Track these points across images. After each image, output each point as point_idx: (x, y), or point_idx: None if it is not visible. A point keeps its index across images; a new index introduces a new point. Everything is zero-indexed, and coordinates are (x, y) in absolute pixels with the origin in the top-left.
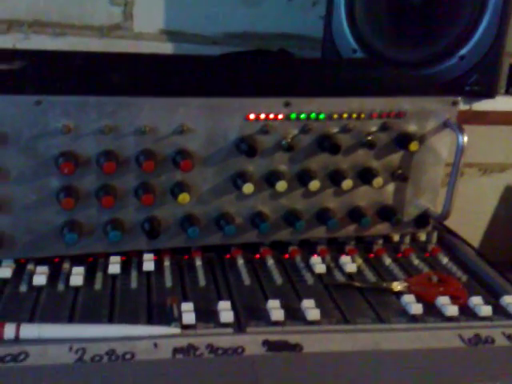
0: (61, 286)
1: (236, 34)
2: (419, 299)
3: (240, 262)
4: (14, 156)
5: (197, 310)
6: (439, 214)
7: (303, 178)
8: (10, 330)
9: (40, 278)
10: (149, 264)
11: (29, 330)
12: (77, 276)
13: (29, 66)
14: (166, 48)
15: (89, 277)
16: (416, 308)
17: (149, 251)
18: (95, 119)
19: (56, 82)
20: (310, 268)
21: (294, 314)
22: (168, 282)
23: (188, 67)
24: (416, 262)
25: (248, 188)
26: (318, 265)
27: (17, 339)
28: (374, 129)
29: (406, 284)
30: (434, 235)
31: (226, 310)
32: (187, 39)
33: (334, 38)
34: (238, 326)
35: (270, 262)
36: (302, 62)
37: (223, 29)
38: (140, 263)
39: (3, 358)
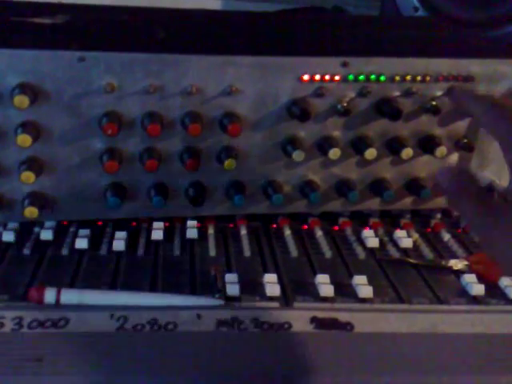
0: (103, 251)
1: None
2: (481, 279)
3: (287, 232)
4: (57, 115)
5: (241, 282)
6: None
7: (359, 145)
8: (50, 295)
9: (82, 241)
10: (192, 231)
11: (70, 296)
12: (119, 241)
13: (72, 21)
14: (215, 4)
15: (131, 242)
16: (477, 289)
17: (192, 218)
18: (140, 78)
19: (100, 38)
20: (361, 241)
21: (345, 291)
22: (212, 250)
23: (238, 24)
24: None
25: (299, 155)
26: (371, 238)
27: (57, 304)
28: (439, 93)
29: (466, 262)
30: None
31: (272, 283)
32: None
33: None
34: (285, 301)
35: (319, 233)
36: (359, 19)
37: None
38: (183, 230)
39: (43, 323)
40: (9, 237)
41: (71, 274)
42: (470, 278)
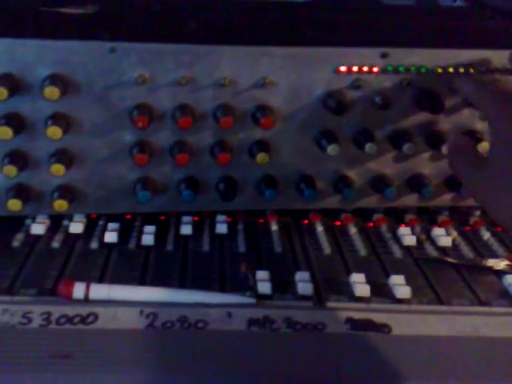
0: (132, 245)
1: None
2: None
3: (319, 228)
4: (87, 107)
5: (273, 280)
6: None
7: (397, 139)
8: (79, 290)
9: (111, 235)
10: (222, 226)
11: (99, 291)
12: (148, 235)
13: (102, 11)
14: None
15: (160, 236)
16: None
17: (222, 213)
18: (172, 69)
19: (131, 28)
20: (397, 239)
21: (381, 291)
22: (241, 246)
23: (271, 14)
24: None
25: (334, 149)
26: (407, 236)
27: (86, 300)
28: None
29: (507, 262)
30: None
31: (304, 281)
32: None
33: None
34: (318, 300)
35: (353, 230)
36: (396, 9)
37: None
38: (212, 225)
39: (72, 319)
40: (38, 229)
41: (100, 268)
42: None
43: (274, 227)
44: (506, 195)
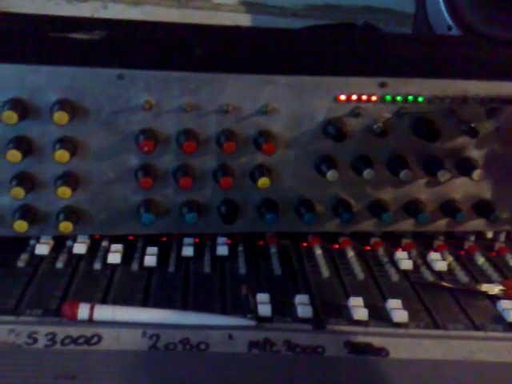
0: (135, 266)
1: (317, 6)
2: None
3: (318, 251)
4: (94, 131)
5: (273, 302)
6: None
7: (394, 165)
8: (84, 311)
9: (115, 256)
10: (223, 248)
11: (103, 312)
12: (151, 256)
13: (110, 37)
14: (244, 20)
15: (162, 258)
16: None
17: (222, 234)
18: (177, 95)
19: (138, 55)
20: (394, 263)
21: (379, 314)
22: (242, 268)
23: (272, 41)
24: None
25: (333, 175)
26: (404, 260)
27: (90, 320)
28: (477, 115)
29: (501, 287)
30: None
31: (304, 305)
32: (266, 11)
33: (428, 13)
34: (317, 323)
35: (351, 253)
36: (394, 38)
37: (304, 0)
38: (213, 246)
39: (76, 340)
40: (42, 250)
41: (104, 288)
42: (506, 304)
43: (274, 250)
44: None
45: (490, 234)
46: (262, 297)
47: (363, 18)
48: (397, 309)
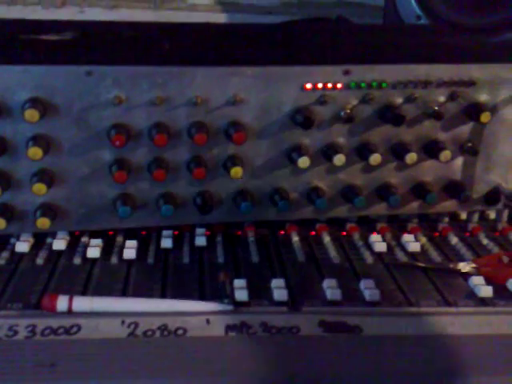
0: (114, 259)
1: (292, 3)
2: (489, 281)
3: (295, 238)
4: (66, 128)
5: (250, 287)
6: (511, 190)
7: (363, 151)
8: (62, 303)
9: (94, 250)
10: (201, 239)
11: (82, 303)
12: (130, 249)
13: (79, 37)
14: (220, 19)
15: (142, 250)
16: (485, 290)
17: (201, 226)
18: (146, 90)
19: (107, 53)
20: (369, 246)
21: (353, 295)
22: (220, 257)
23: (241, 36)
24: (485, 241)
25: (304, 162)
26: (378, 243)
27: (69, 312)
28: (441, 98)
29: (474, 265)
30: (505, 213)
31: (279, 288)
32: (242, 9)
33: (397, 3)
34: (293, 305)
35: (327, 239)
36: (361, 28)
37: None
38: (192, 238)
39: (56, 330)
40: (23, 247)
41: (83, 282)
42: (477, 280)
43: (252, 238)
44: None
45: (463, 216)
46: (239, 282)
47: (337, 13)
48: (370, 288)
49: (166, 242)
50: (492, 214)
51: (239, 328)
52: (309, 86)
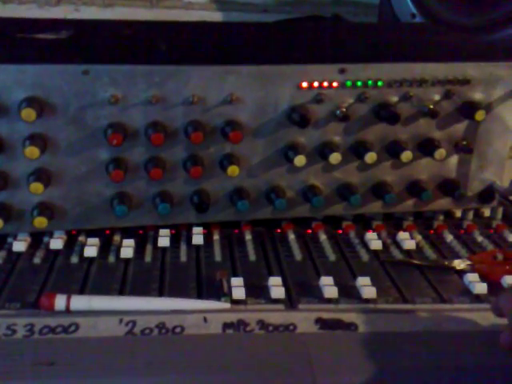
0: (111, 258)
1: (287, 1)
2: (483, 278)
3: (291, 236)
4: (63, 127)
5: (247, 285)
6: (505, 188)
7: (359, 149)
8: (60, 302)
9: (91, 249)
10: (198, 238)
11: (79, 302)
12: (127, 248)
13: (76, 36)
14: (216, 17)
15: (139, 249)
16: (480, 287)
17: (198, 225)
18: (143, 89)
19: (104, 51)
20: (364, 244)
21: (349, 292)
22: (217, 256)
23: (238, 35)
24: (480, 238)
25: (300, 160)
26: (374, 241)
27: (67, 311)
28: (436, 97)
29: (468, 262)
30: (500, 211)
31: (276, 286)
32: (238, 8)
33: (392, 2)
34: (290, 303)
35: (323, 237)
36: (357, 27)
37: None
38: (189, 237)
39: (54, 329)
40: (20, 247)
41: (81, 281)
42: (472, 277)
43: (249, 237)
44: None
45: (458, 214)
46: (236, 281)
47: (332, 11)
48: (365, 286)
49: (163, 241)
50: (486, 212)
51: (236, 326)
52: (305, 84)
